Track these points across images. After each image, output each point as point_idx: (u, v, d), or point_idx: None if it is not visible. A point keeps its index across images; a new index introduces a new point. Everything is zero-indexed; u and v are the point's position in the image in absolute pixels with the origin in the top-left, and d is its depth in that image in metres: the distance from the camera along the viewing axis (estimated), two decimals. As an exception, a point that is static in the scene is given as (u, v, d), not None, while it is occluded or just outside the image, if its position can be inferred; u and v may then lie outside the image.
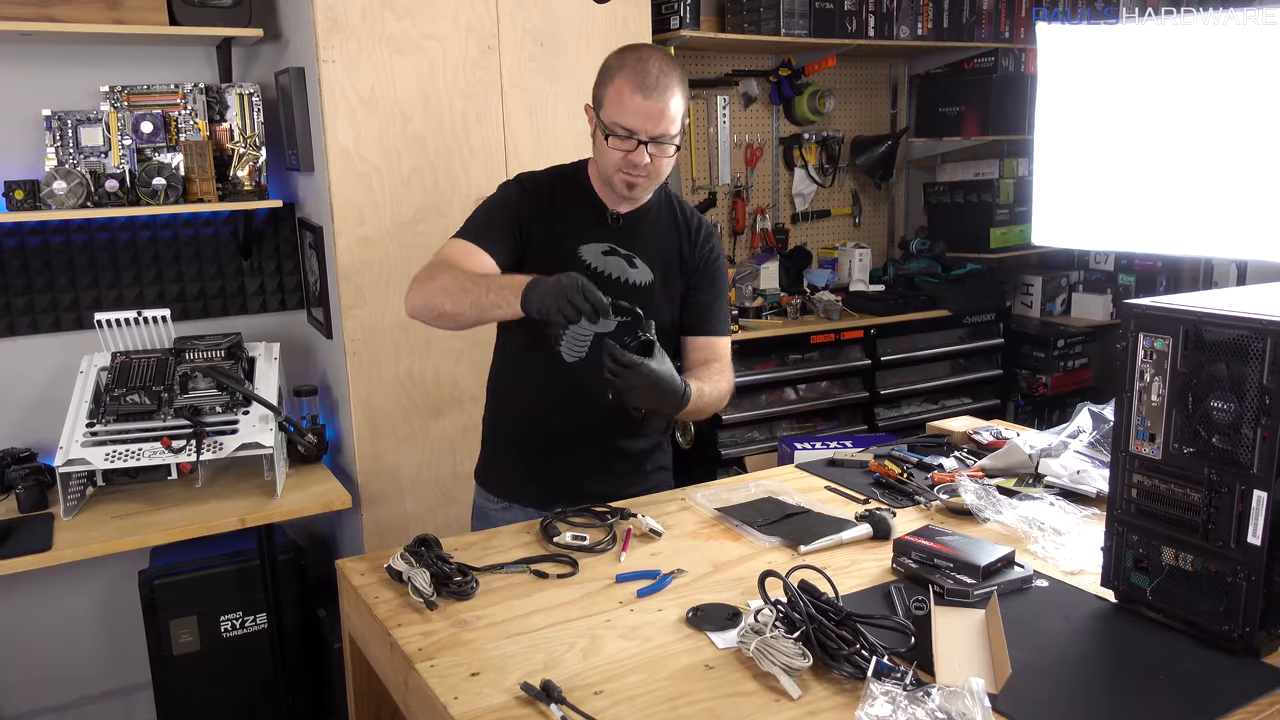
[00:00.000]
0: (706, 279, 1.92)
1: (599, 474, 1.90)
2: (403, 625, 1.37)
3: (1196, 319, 1.26)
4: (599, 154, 1.80)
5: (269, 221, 2.90)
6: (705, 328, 1.91)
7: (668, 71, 1.73)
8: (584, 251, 1.83)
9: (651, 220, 1.90)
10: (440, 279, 1.69)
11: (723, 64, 3.69)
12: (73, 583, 2.78)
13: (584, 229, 1.84)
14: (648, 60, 1.73)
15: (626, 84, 1.71)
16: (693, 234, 1.92)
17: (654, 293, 1.85)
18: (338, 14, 2.39)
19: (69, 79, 2.58)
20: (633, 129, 1.71)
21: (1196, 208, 2.33)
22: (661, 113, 1.71)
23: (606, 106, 1.74)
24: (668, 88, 1.72)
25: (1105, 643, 1.32)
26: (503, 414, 1.99)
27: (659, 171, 1.78)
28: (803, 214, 4.00)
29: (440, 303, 1.68)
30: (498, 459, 2.00)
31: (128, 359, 2.42)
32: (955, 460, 1.99)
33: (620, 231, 1.86)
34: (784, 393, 3.48)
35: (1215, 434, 1.24)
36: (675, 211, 1.94)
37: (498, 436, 2.01)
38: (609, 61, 1.77)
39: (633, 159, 1.74)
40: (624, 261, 1.85)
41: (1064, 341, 4.06)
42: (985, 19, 3.88)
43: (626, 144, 1.73)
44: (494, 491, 1.97)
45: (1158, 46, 2.39)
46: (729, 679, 1.22)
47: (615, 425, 1.86)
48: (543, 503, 1.84)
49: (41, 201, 2.42)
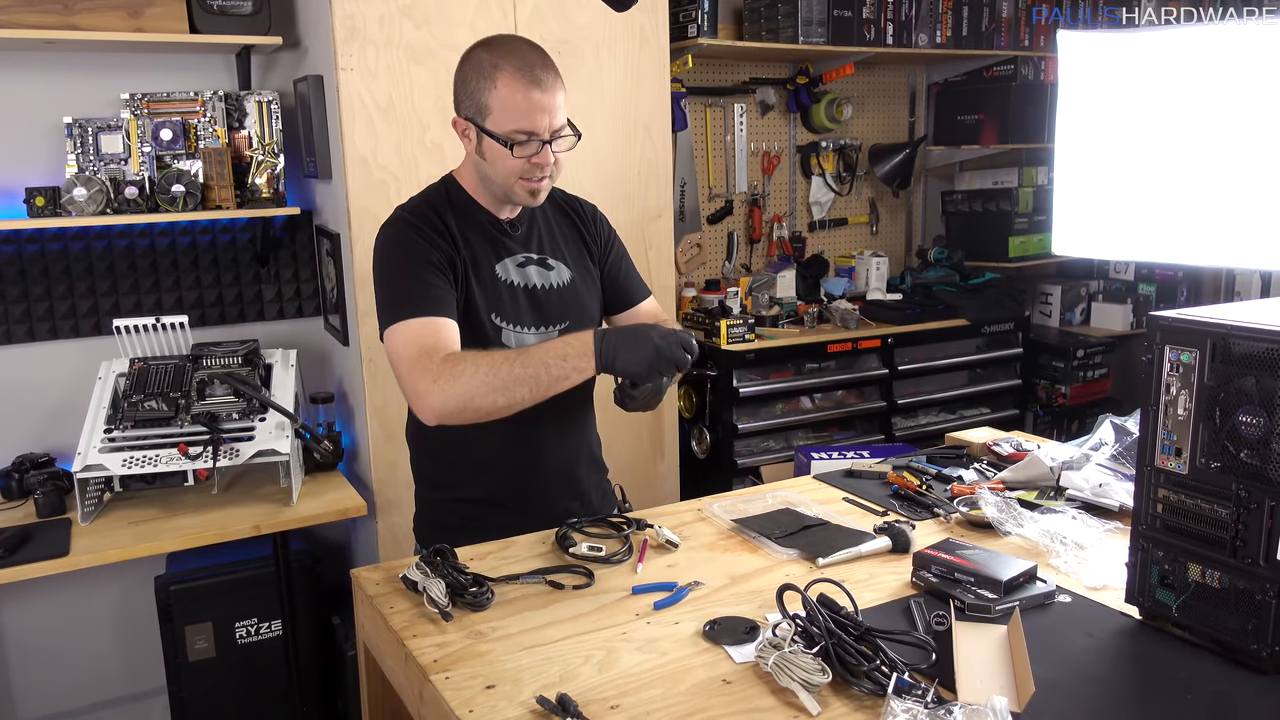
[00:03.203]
0: (615, 255, 1.87)
1: (579, 497, 1.86)
2: (418, 636, 1.37)
3: (1225, 331, 1.24)
4: (493, 167, 1.64)
5: (286, 229, 2.91)
6: (635, 297, 1.88)
7: (545, 59, 1.61)
8: (501, 269, 1.72)
9: (541, 217, 1.81)
10: (469, 375, 1.49)
11: (740, 72, 3.69)
12: (89, 588, 2.79)
13: (490, 247, 1.72)
14: (523, 52, 1.60)
15: (512, 84, 1.57)
16: (587, 219, 1.86)
17: (576, 288, 1.79)
18: (356, 22, 2.40)
19: (90, 87, 2.60)
20: (533, 129, 1.59)
21: (1220, 217, 2.30)
22: (555, 104, 1.60)
23: (495, 114, 1.59)
24: (554, 77, 1.60)
25: (1130, 661, 1.29)
26: (471, 475, 1.79)
27: (560, 168, 1.67)
28: (820, 222, 3.99)
29: (485, 402, 1.49)
30: (465, 525, 1.78)
31: (146, 365, 2.43)
32: (975, 472, 1.97)
33: (523, 238, 1.77)
34: (800, 402, 3.47)
35: (1244, 449, 1.22)
36: (558, 201, 1.85)
37: (461, 501, 1.81)
38: (475, 63, 1.61)
39: (538, 161, 1.61)
40: (540, 267, 1.76)
41: (1083, 352, 4.03)
42: (1005, 27, 3.85)
43: (529, 148, 1.60)
44: None
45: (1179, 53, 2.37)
46: (746, 694, 1.20)
47: (586, 436, 1.86)
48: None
49: (62, 208, 2.44)
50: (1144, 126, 2.43)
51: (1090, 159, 2.58)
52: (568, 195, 1.89)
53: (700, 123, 3.65)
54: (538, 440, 1.77)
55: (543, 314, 1.74)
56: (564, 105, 1.63)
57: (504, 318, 1.71)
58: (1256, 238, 2.26)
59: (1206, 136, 2.30)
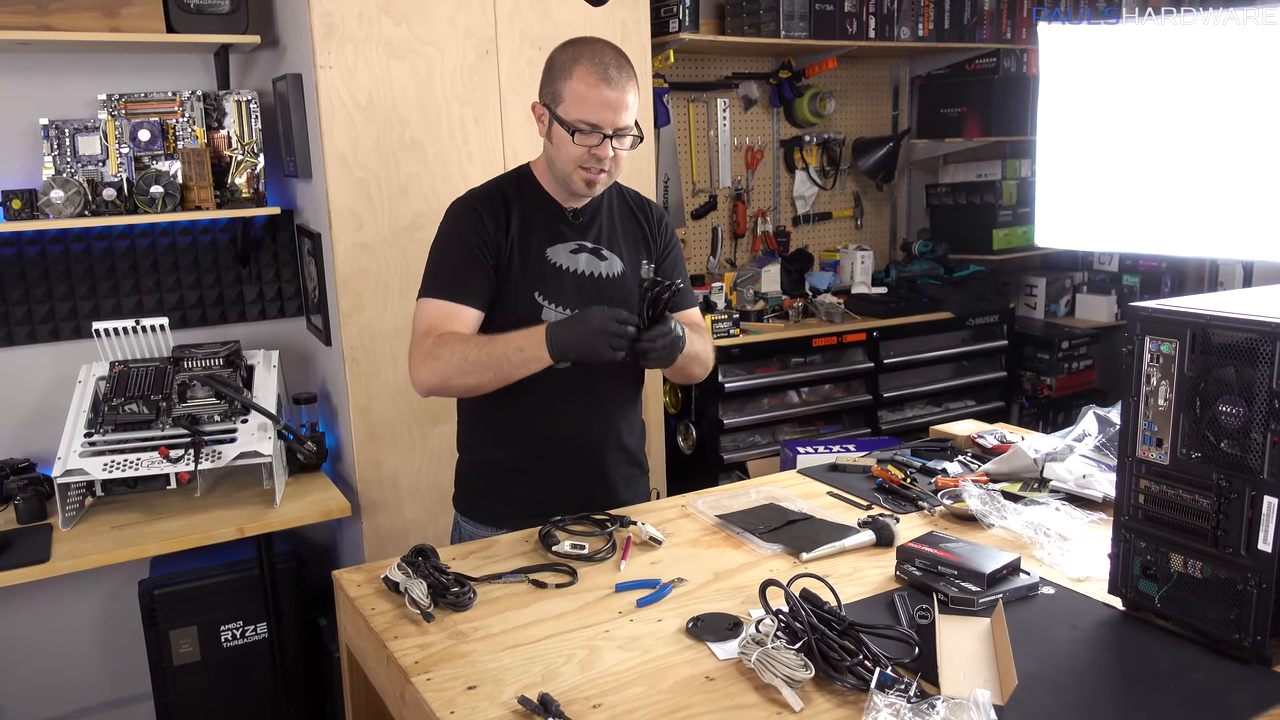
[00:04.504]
0: (671, 261, 1.97)
1: (602, 482, 1.89)
2: (399, 637, 1.36)
3: (1204, 322, 1.24)
4: (557, 152, 1.76)
5: (267, 229, 2.89)
6: (679, 304, 1.90)
7: (622, 62, 1.73)
8: (552, 253, 1.82)
9: (608, 210, 1.90)
10: (447, 356, 1.69)
11: (722, 67, 3.68)
12: (72, 593, 2.77)
13: (547, 231, 1.83)
14: (603, 52, 1.72)
15: (586, 77, 1.69)
16: (653, 220, 1.95)
17: (625, 281, 1.87)
18: (334, 20, 2.38)
19: (66, 88, 2.57)
20: (597, 123, 1.70)
21: (1202, 208, 2.30)
22: (624, 104, 1.71)
23: (566, 103, 1.71)
24: (627, 79, 1.72)
25: (1113, 652, 1.29)
26: (498, 439, 1.89)
27: (619, 164, 1.78)
28: (804, 216, 3.98)
29: (460, 382, 1.70)
30: (492, 490, 1.91)
31: (126, 368, 2.41)
32: (959, 465, 1.97)
33: (582, 227, 1.86)
34: (786, 396, 3.46)
35: (1224, 439, 1.22)
36: (627, 199, 1.95)
37: (492, 465, 1.91)
38: (560, 57, 1.75)
39: (597, 153, 1.72)
40: (593, 256, 1.85)
41: (1068, 343, 4.04)
42: (986, 20, 3.86)
43: (591, 139, 1.71)
44: (489, 522, 1.89)
45: (1160, 46, 2.37)
46: (730, 691, 1.20)
47: (617, 422, 1.90)
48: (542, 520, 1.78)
49: (39, 211, 2.41)
50: (1126, 118, 2.43)
51: (1072, 151, 2.58)
52: (640, 196, 1.99)
53: (683, 118, 3.64)
54: (560, 415, 1.84)
55: (586, 300, 1.80)
56: (633, 107, 1.74)
57: (547, 297, 1.80)
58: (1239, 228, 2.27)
59: (1188, 128, 2.30)
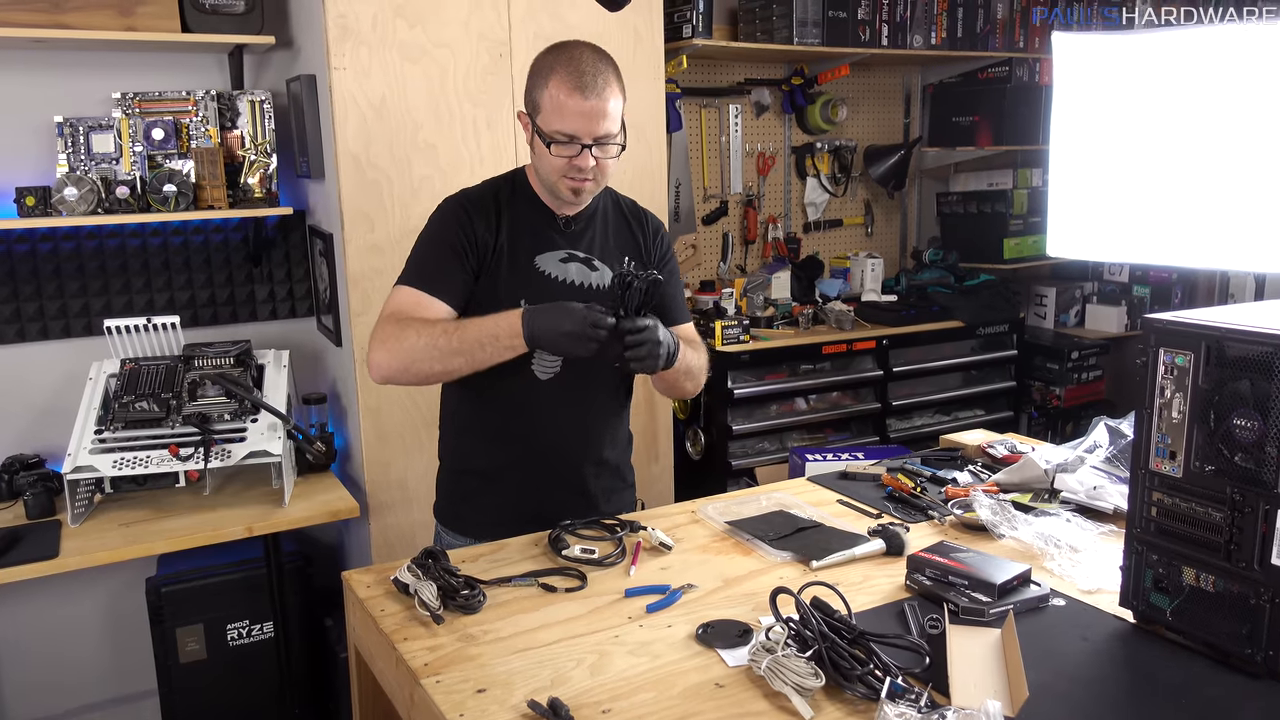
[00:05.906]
0: (666, 272, 1.87)
1: (582, 495, 1.86)
2: (409, 639, 1.36)
3: (1219, 334, 1.24)
4: (540, 161, 1.73)
5: (279, 229, 2.90)
6: (671, 318, 1.86)
7: (602, 68, 1.66)
8: (540, 261, 1.77)
9: (602, 220, 1.85)
10: (412, 340, 1.63)
11: (735, 73, 3.68)
12: (80, 590, 2.78)
13: (536, 238, 1.78)
14: (580, 59, 1.66)
15: (562, 86, 1.64)
16: (649, 231, 1.90)
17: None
18: (349, 22, 2.39)
19: (81, 86, 2.58)
20: (574, 133, 1.65)
21: (1215, 219, 2.30)
22: (602, 113, 1.65)
23: (545, 112, 1.66)
24: (605, 86, 1.65)
25: (1124, 665, 1.29)
26: (478, 448, 1.87)
27: (604, 172, 1.72)
28: (815, 223, 3.98)
29: (423, 368, 1.64)
30: (469, 499, 1.88)
31: (137, 366, 2.42)
32: (969, 474, 1.97)
33: (574, 236, 1.81)
34: (795, 403, 3.46)
35: (1238, 452, 1.21)
36: (623, 208, 1.90)
37: (471, 474, 1.88)
38: (539, 64, 1.70)
39: (577, 163, 1.67)
40: (583, 266, 1.80)
41: (1078, 353, 4.03)
42: (999, 28, 3.85)
43: (569, 149, 1.66)
44: (466, 532, 1.86)
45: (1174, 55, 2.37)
46: (739, 698, 1.20)
47: (599, 434, 1.87)
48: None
49: (53, 208, 2.42)
50: (1139, 128, 2.42)
51: (1085, 161, 2.58)
52: (637, 206, 1.94)
53: (695, 123, 3.64)
54: (541, 426, 1.80)
55: None
56: (615, 114, 1.68)
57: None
58: (1251, 240, 2.26)
59: (1201, 138, 2.30)
